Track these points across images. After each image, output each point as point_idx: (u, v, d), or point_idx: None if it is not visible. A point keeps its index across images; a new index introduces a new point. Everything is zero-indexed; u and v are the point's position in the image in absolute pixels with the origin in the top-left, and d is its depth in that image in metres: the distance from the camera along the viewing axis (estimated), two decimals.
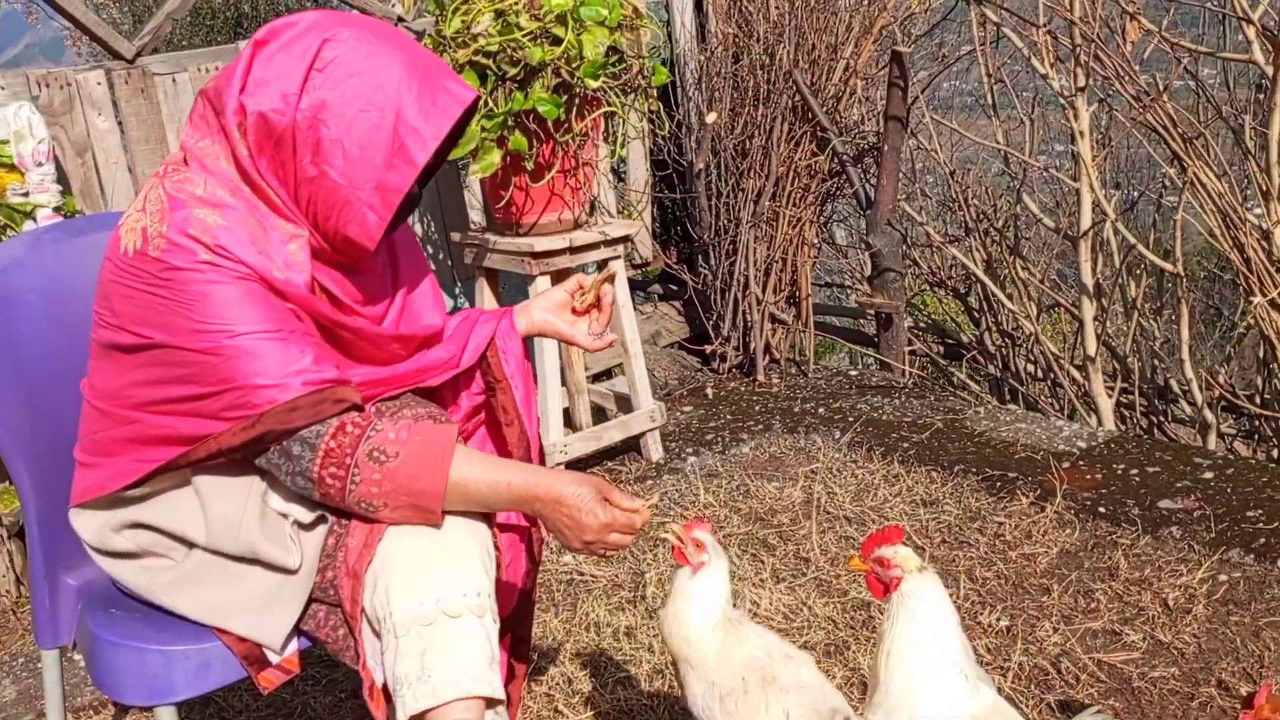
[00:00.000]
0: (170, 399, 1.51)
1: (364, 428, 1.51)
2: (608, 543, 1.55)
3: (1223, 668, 2.16)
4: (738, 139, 3.99)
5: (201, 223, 1.46)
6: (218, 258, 1.46)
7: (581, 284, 1.86)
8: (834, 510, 2.94)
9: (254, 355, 1.47)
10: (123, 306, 1.50)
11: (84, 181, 3.10)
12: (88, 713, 2.34)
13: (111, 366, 1.56)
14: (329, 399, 1.49)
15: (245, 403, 1.47)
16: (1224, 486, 2.84)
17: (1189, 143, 3.28)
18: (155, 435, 1.55)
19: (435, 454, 1.51)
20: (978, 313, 4.51)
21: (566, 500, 1.53)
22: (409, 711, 1.44)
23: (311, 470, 1.50)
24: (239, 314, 1.47)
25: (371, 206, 1.51)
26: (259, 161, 1.51)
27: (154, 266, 1.46)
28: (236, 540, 1.57)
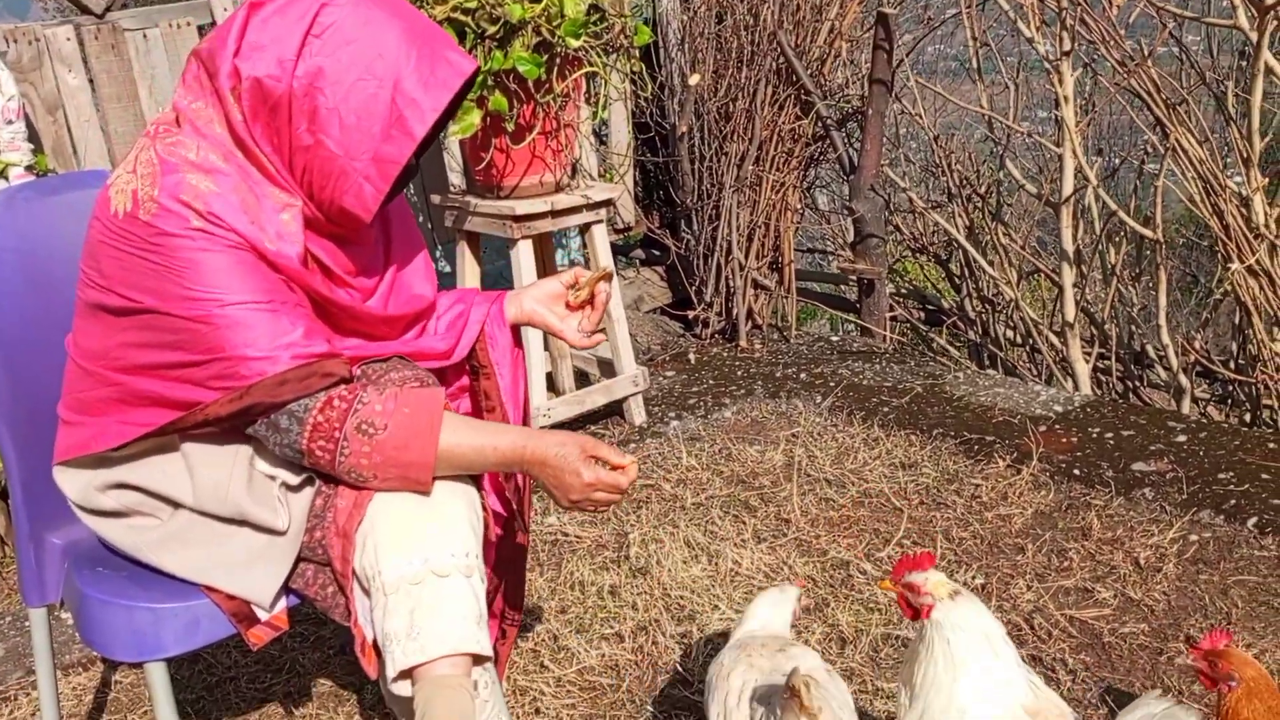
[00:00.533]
0: (158, 364, 1.52)
1: (351, 401, 1.51)
2: (594, 500, 1.57)
3: (1191, 624, 2.21)
4: (721, 102, 3.98)
5: (194, 188, 1.45)
6: (209, 225, 1.45)
7: (578, 277, 1.83)
8: (814, 473, 2.97)
9: (244, 326, 1.46)
10: (111, 269, 1.50)
11: (55, 140, 3.07)
12: (76, 670, 2.36)
13: (98, 327, 1.56)
14: (317, 373, 1.50)
15: (234, 373, 1.48)
16: (1197, 449, 2.89)
17: (1172, 109, 3.30)
18: (142, 397, 1.55)
19: (424, 425, 1.52)
20: (959, 279, 4.54)
21: (551, 461, 1.55)
22: (398, 667, 1.47)
23: (300, 443, 1.51)
24: (230, 283, 1.46)
25: (368, 178, 1.50)
26: (253, 127, 1.50)
27: (144, 231, 1.45)
28: (224, 503, 1.58)
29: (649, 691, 2.16)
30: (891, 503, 2.78)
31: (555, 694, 2.16)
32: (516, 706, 2.12)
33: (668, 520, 2.77)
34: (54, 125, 3.06)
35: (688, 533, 2.68)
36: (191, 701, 2.25)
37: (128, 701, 2.27)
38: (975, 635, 1.41)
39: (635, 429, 3.38)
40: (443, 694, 1.44)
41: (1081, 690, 2.05)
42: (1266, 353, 3.33)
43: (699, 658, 2.22)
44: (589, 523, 2.80)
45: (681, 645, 2.27)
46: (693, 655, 2.23)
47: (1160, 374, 3.93)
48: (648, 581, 2.49)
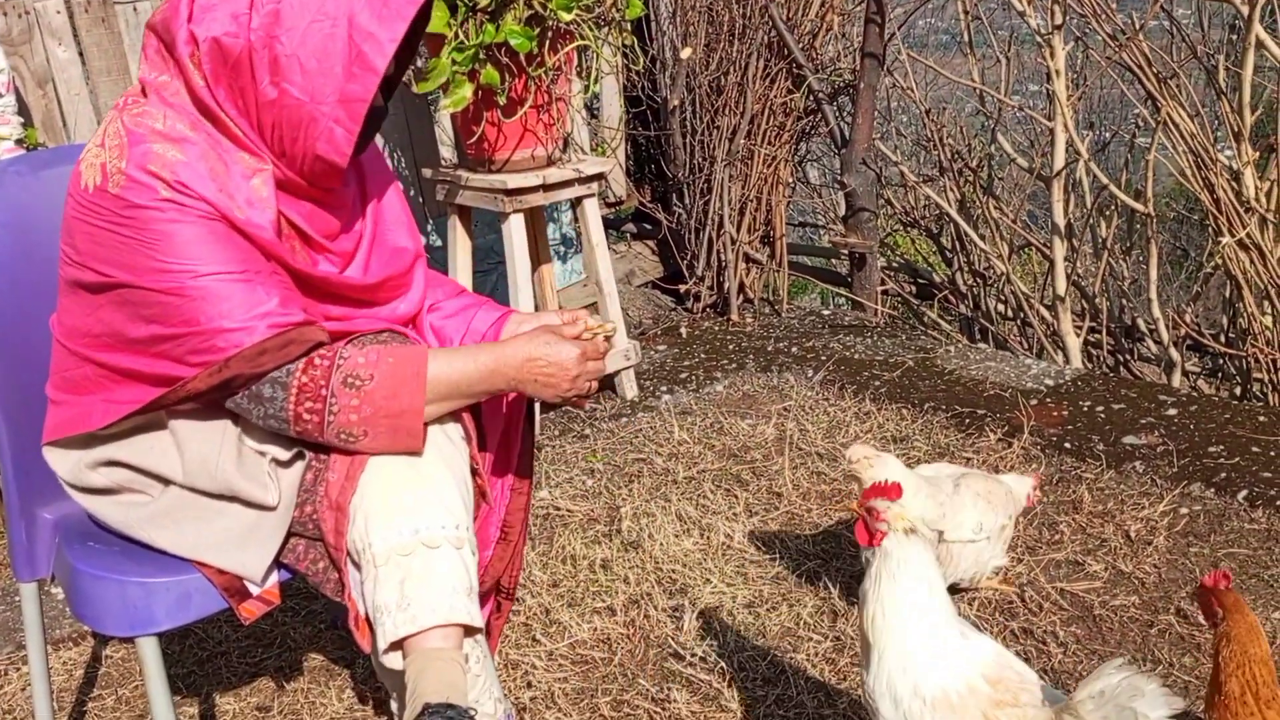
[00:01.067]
0: (135, 339, 1.51)
1: (332, 357, 1.50)
2: (588, 372, 1.56)
3: (1181, 597, 2.23)
4: (713, 75, 3.95)
5: (161, 158, 1.44)
6: (178, 195, 1.43)
7: (578, 319, 1.74)
8: (806, 447, 2.98)
9: (218, 297, 1.45)
10: (85, 244, 1.48)
11: (45, 114, 3.04)
12: (67, 645, 2.36)
13: (77, 305, 1.55)
14: (295, 340, 1.49)
15: (210, 347, 1.47)
16: (1187, 423, 2.90)
17: (1163, 82, 3.29)
18: (122, 375, 1.54)
19: (410, 372, 1.51)
20: (950, 252, 4.54)
21: (535, 354, 1.54)
22: (389, 638, 1.47)
23: (287, 410, 1.50)
24: (202, 254, 1.45)
25: (338, 120, 1.48)
26: (216, 91, 1.48)
27: (115, 204, 1.44)
28: (213, 478, 1.57)
29: (641, 665, 2.16)
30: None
31: (547, 667, 2.16)
32: (508, 680, 2.13)
33: (659, 494, 2.77)
34: (44, 99, 3.03)
35: (679, 506, 2.68)
36: (183, 676, 2.25)
37: (119, 676, 2.27)
38: (916, 576, 1.45)
39: (627, 403, 3.38)
40: (434, 666, 1.44)
41: (1072, 663, 2.06)
42: (1257, 326, 3.34)
43: (691, 631, 2.23)
44: (581, 496, 2.80)
45: (673, 619, 2.28)
46: (684, 628, 2.24)
47: (1151, 347, 3.94)
48: (639, 555, 2.50)
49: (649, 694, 2.07)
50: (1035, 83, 5.30)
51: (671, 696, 2.05)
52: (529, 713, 2.04)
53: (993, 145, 4.26)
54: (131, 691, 2.21)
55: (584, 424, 3.24)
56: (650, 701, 2.05)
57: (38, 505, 1.77)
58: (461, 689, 1.43)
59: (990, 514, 2.17)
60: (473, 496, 1.62)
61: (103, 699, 2.21)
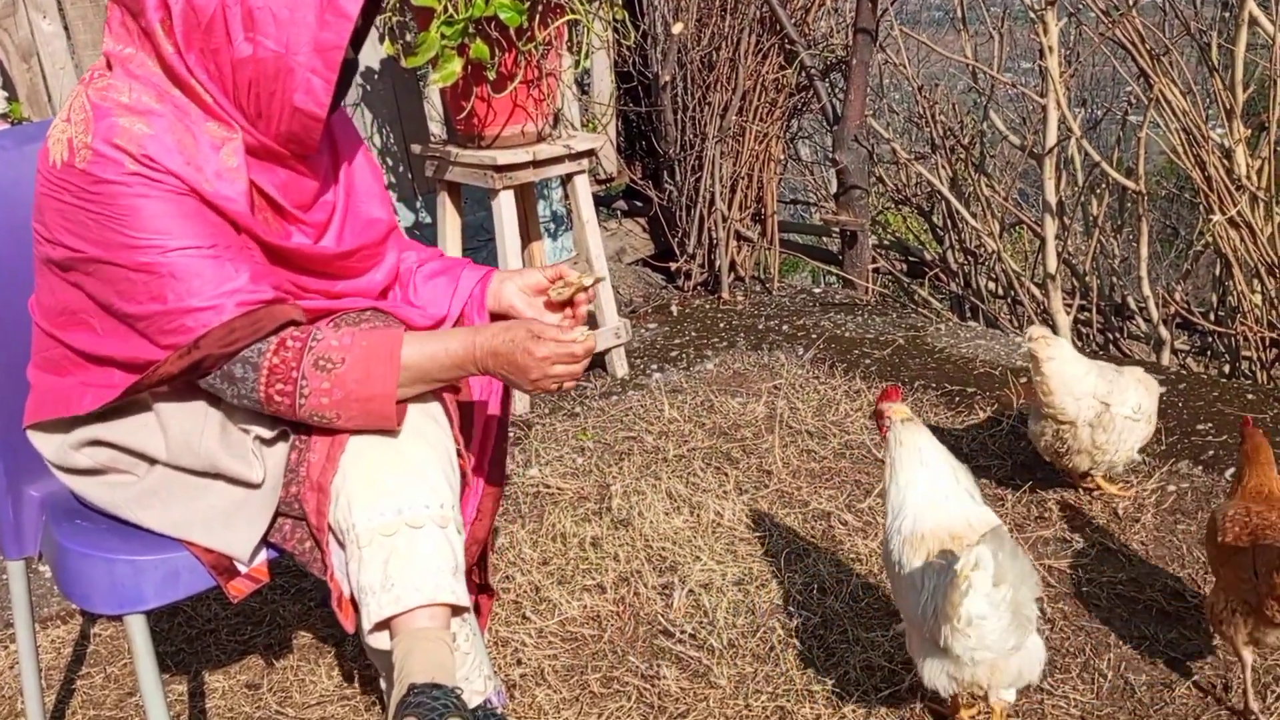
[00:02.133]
0: (106, 318, 1.50)
1: (304, 339, 1.50)
2: (554, 376, 1.54)
3: (1169, 573, 2.24)
4: (704, 51, 3.93)
5: (127, 132, 1.43)
6: (145, 169, 1.42)
7: (563, 274, 1.76)
8: (796, 425, 2.98)
9: (188, 274, 1.44)
10: (54, 220, 1.47)
11: (30, 88, 3.00)
12: (55, 623, 2.36)
13: (49, 284, 1.54)
14: (265, 318, 1.48)
15: (179, 327, 1.46)
16: (1176, 401, 2.91)
17: (1156, 59, 3.28)
18: (95, 357, 1.53)
19: (383, 355, 1.50)
20: (941, 230, 4.53)
21: (500, 350, 1.53)
22: (374, 619, 1.46)
23: (258, 390, 1.49)
24: (170, 228, 1.44)
25: (314, 70, 1.47)
26: (187, 57, 1.47)
27: (82, 179, 1.43)
28: (197, 456, 1.56)
29: (630, 642, 2.17)
30: (873, 454, 2.79)
31: (537, 645, 2.17)
32: (498, 657, 2.13)
33: (649, 472, 2.77)
34: (28, 73, 3.00)
35: (670, 484, 2.68)
36: (171, 654, 2.24)
37: (107, 654, 2.27)
38: (913, 448, 1.82)
39: (617, 381, 3.38)
40: (421, 646, 1.44)
41: (1060, 639, 2.07)
42: (1246, 304, 3.34)
43: (680, 608, 2.24)
44: (571, 474, 2.80)
45: (663, 596, 2.28)
46: (674, 606, 2.24)
47: (1141, 326, 3.94)
48: (629, 533, 2.50)
49: (639, 671, 2.08)
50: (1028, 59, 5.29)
51: (661, 673, 2.05)
52: (519, 690, 2.04)
53: (985, 122, 4.25)
54: (120, 669, 2.21)
55: (574, 402, 3.24)
56: (640, 678, 2.06)
57: (24, 483, 1.76)
58: (449, 668, 1.43)
59: (1148, 398, 2.43)
60: (457, 473, 1.61)
61: (91, 677, 2.20)
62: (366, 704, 2.06)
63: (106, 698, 2.14)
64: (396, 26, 3.13)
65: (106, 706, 2.12)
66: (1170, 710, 1.88)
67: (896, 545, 1.78)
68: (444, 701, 1.36)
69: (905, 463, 1.81)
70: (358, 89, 3.43)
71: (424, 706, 1.35)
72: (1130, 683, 1.95)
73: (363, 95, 3.45)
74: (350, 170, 1.70)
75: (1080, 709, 1.90)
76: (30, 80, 3.00)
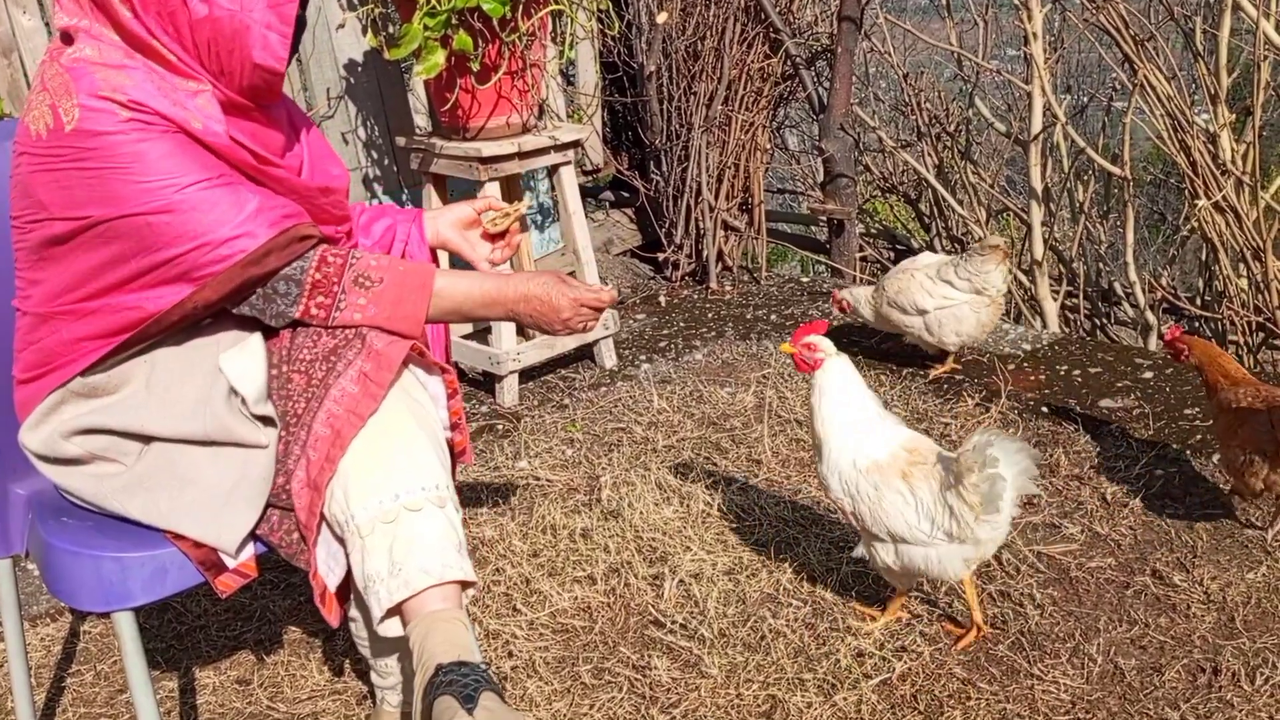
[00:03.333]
0: (127, 277, 1.49)
1: (345, 256, 1.57)
2: (582, 315, 1.68)
3: (1157, 558, 2.25)
4: (689, 40, 3.92)
5: (109, 82, 1.44)
6: (138, 113, 1.44)
7: (492, 205, 1.89)
8: (785, 414, 2.98)
9: (208, 205, 1.47)
10: (49, 194, 1.46)
11: (11, 83, 2.98)
12: (44, 621, 2.35)
13: (53, 266, 1.52)
14: (295, 237, 1.53)
15: (215, 258, 1.48)
16: (1163, 386, 2.92)
17: (1140, 45, 3.28)
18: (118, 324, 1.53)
19: (418, 282, 1.59)
20: (928, 218, 4.54)
21: (533, 293, 1.66)
22: (384, 606, 1.46)
23: (298, 305, 1.55)
24: (177, 167, 1.46)
25: (269, 25, 1.50)
26: (146, 20, 1.48)
27: (75, 139, 1.43)
28: (207, 421, 1.56)
29: (621, 633, 2.17)
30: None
31: (528, 637, 2.16)
32: (489, 650, 2.13)
33: (639, 463, 2.77)
34: (8, 68, 2.97)
35: (659, 475, 2.68)
36: (161, 650, 2.24)
37: (97, 651, 2.26)
38: (842, 386, 2.00)
39: (606, 372, 3.37)
40: (439, 627, 1.43)
41: (1049, 624, 2.08)
42: (1232, 289, 3.36)
43: (671, 599, 2.24)
44: (560, 466, 2.80)
45: (654, 587, 2.28)
46: (665, 596, 2.24)
47: (1127, 311, 3.96)
48: (619, 524, 2.50)
49: (630, 661, 2.08)
50: (1013, 47, 5.29)
51: (652, 664, 2.05)
52: (510, 682, 2.04)
53: (970, 110, 4.25)
54: (110, 667, 2.20)
55: (563, 394, 3.23)
56: (631, 669, 2.06)
57: (10, 480, 1.74)
58: (470, 647, 1.42)
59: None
60: (448, 454, 1.62)
61: (82, 674, 2.19)
62: (357, 698, 2.06)
63: (97, 695, 2.13)
64: (380, 18, 3.11)
65: (97, 704, 2.11)
66: (1160, 694, 1.89)
67: (856, 477, 1.97)
68: (474, 677, 1.36)
69: (832, 398, 2.00)
70: (341, 81, 3.41)
71: (456, 684, 1.35)
72: (1120, 667, 1.96)
73: (346, 88, 3.43)
74: (306, 133, 1.73)
75: (1070, 694, 1.91)
76: (10, 76, 2.97)
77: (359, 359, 1.54)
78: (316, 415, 1.53)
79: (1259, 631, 2.01)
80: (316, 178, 1.69)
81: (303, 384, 1.56)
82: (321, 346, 1.57)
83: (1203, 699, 1.87)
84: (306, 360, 1.57)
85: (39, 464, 1.64)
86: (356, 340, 1.56)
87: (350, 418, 1.51)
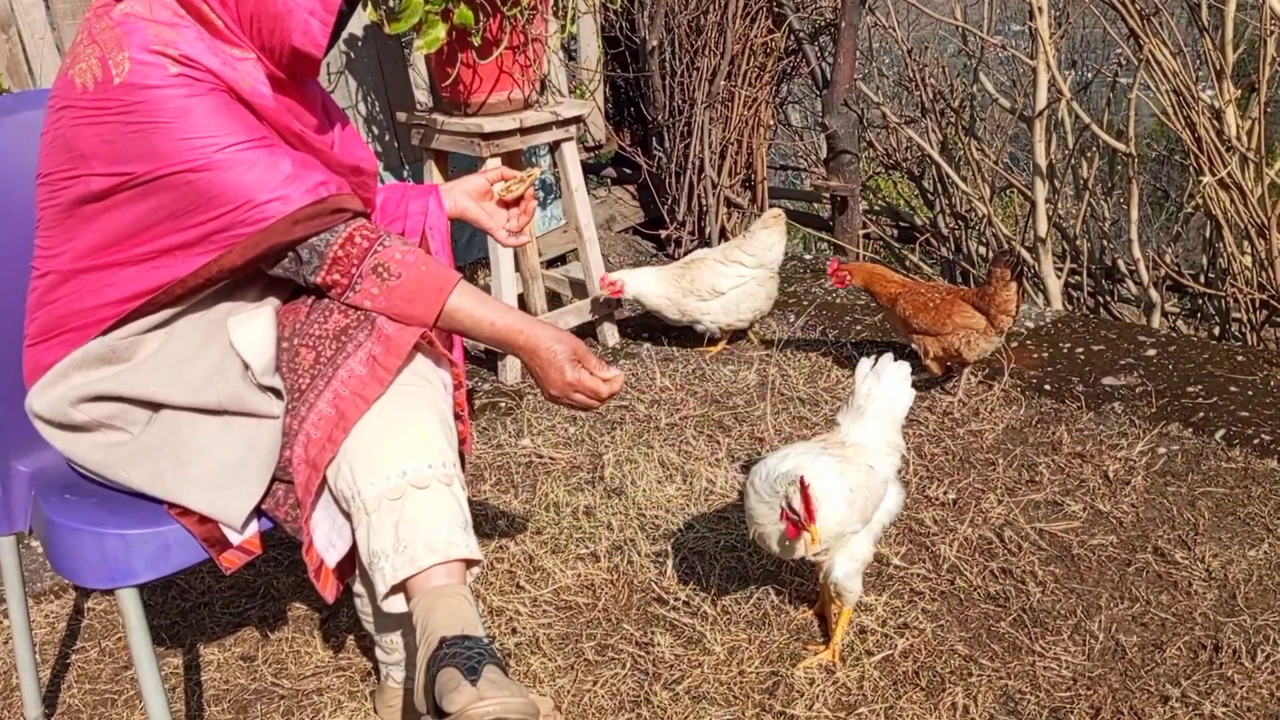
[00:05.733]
0: (159, 234, 1.50)
1: (373, 241, 1.56)
2: (572, 400, 1.63)
3: (1159, 535, 2.25)
4: (692, 15, 3.89)
5: (161, 38, 1.45)
6: (187, 69, 1.45)
7: (505, 175, 1.88)
8: (788, 392, 2.98)
9: (247, 164, 1.47)
10: (92, 146, 1.47)
11: (10, 58, 2.96)
12: (48, 598, 2.35)
13: (85, 225, 1.52)
14: (328, 209, 1.53)
15: (247, 219, 1.49)
16: (1166, 363, 2.91)
17: (1146, 19, 3.25)
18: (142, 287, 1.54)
19: (434, 288, 1.57)
20: (932, 195, 4.52)
21: (541, 354, 1.61)
22: (389, 582, 1.46)
23: (319, 274, 1.56)
24: (221, 125, 1.47)
25: (312, 12, 1.51)
26: None
27: (123, 93, 1.44)
28: (221, 389, 1.57)
29: (625, 610, 2.17)
30: None
31: (531, 613, 2.17)
32: (493, 626, 2.14)
33: (642, 441, 2.77)
34: (7, 43, 2.95)
35: (662, 453, 2.68)
36: (166, 627, 2.24)
37: (101, 628, 2.27)
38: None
39: (608, 350, 3.37)
40: (443, 602, 1.44)
41: (1051, 601, 2.09)
42: (1236, 266, 3.35)
43: (674, 576, 2.24)
44: (563, 444, 2.80)
45: (656, 564, 2.29)
46: (667, 573, 2.25)
47: (1131, 288, 3.94)
48: (622, 502, 2.50)
49: (633, 638, 2.09)
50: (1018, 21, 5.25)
51: (655, 640, 2.06)
52: (514, 658, 2.05)
53: (975, 85, 4.22)
54: (115, 643, 2.21)
55: None
56: (634, 645, 2.07)
57: (13, 458, 1.74)
58: (474, 621, 1.43)
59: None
60: (455, 433, 1.61)
61: (86, 651, 2.20)
62: (362, 674, 2.07)
63: (101, 671, 2.14)
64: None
65: (101, 680, 2.12)
66: (1161, 671, 1.90)
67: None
68: (478, 650, 1.37)
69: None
70: (341, 56, 3.39)
71: (459, 657, 1.35)
72: (1121, 644, 1.97)
73: (347, 63, 3.41)
74: (339, 118, 1.74)
75: (1071, 670, 1.91)
76: (9, 51, 2.95)
77: (369, 341, 1.54)
78: (322, 394, 1.53)
79: (1260, 608, 2.01)
80: (348, 158, 1.69)
81: (311, 359, 1.56)
82: (333, 324, 1.57)
83: (1204, 675, 1.87)
84: (316, 336, 1.57)
85: (44, 428, 1.62)
86: (368, 322, 1.56)
87: (356, 400, 1.51)
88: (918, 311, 2.77)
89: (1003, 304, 2.68)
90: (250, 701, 2.03)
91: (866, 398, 2.00)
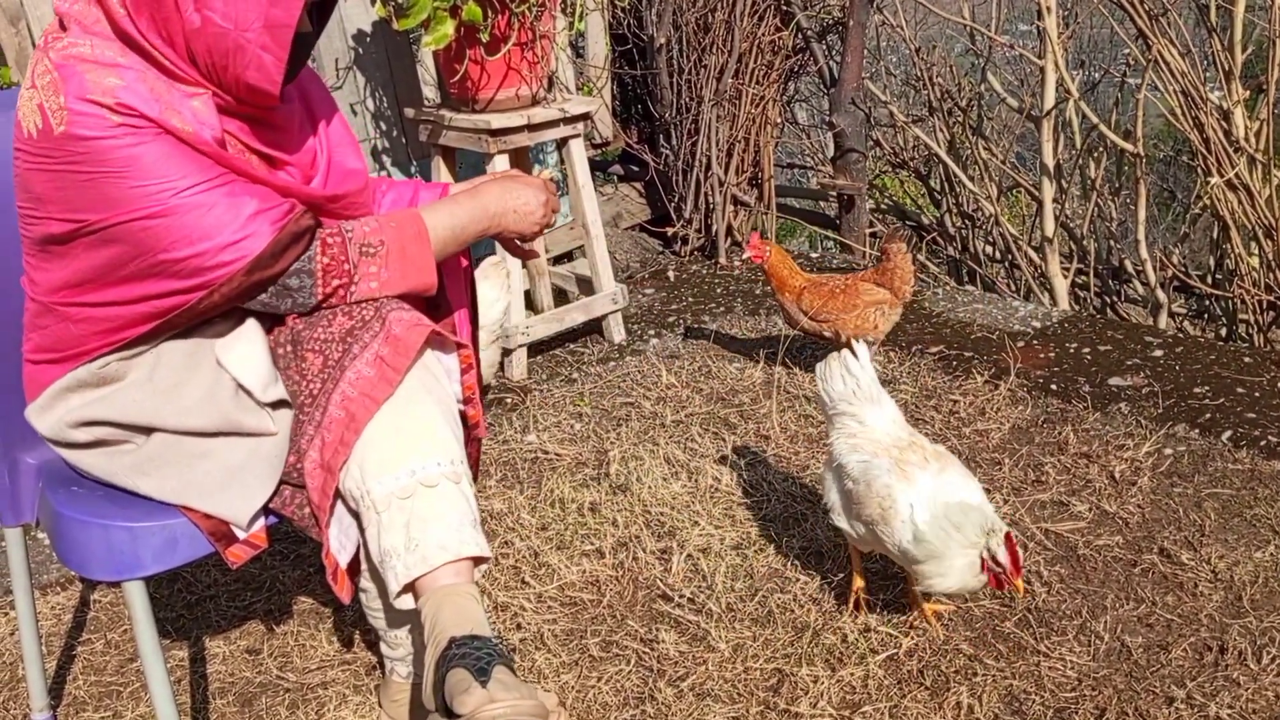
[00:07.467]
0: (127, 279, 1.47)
1: (340, 233, 1.56)
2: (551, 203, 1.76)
3: (1165, 536, 2.25)
4: (700, 12, 3.88)
5: (98, 85, 1.39)
6: (128, 118, 1.39)
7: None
8: (794, 390, 2.98)
9: (205, 208, 1.43)
10: (47, 192, 1.43)
11: (19, 51, 2.96)
12: (55, 590, 2.36)
13: (55, 261, 1.50)
14: (293, 232, 1.50)
15: (220, 262, 1.45)
16: (1172, 364, 2.91)
17: (1154, 20, 3.25)
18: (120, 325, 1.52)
19: (414, 232, 1.60)
20: (939, 194, 4.51)
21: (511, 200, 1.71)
22: (401, 581, 1.46)
23: (316, 293, 1.55)
24: (175, 169, 1.42)
25: (264, 47, 1.45)
26: (138, 21, 1.43)
27: (66, 143, 1.39)
28: (213, 414, 1.55)
29: (629, 606, 2.18)
30: None
31: (536, 609, 2.17)
32: (498, 622, 2.14)
33: (647, 438, 2.77)
34: (16, 37, 2.95)
35: (667, 450, 2.69)
36: (172, 620, 2.25)
37: (107, 620, 2.27)
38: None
39: (615, 347, 3.37)
40: (451, 601, 1.44)
41: (1056, 602, 2.09)
42: (1244, 267, 3.34)
43: (679, 573, 2.24)
44: (569, 440, 2.80)
45: (661, 561, 2.29)
46: (672, 570, 2.25)
47: (1138, 289, 3.94)
48: (628, 498, 2.50)
49: (637, 635, 2.09)
50: (1026, 21, 5.25)
51: (660, 637, 2.06)
52: (519, 654, 2.05)
53: (983, 85, 4.21)
54: (121, 636, 2.22)
55: (571, 368, 3.23)
56: (639, 642, 2.07)
57: (20, 450, 1.75)
58: (482, 621, 1.43)
59: None
60: (461, 428, 1.61)
61: (92, 643, 2.21)
62: (367, 668, 2.07)
63: (107, 664, 2.15)
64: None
65: (107, 672, 2.13)
66: (1166, 672, 1.89)
67: None
68: (487, 650, 1.37)
69: None
70: (350, 52, 3.39)
71: (469, 657, 1.35)
72: (1126, 645, 1.96)
73: (355, 59, 3.41)
74: (325, 123, 1.71)
75: (1077, 671, 1.91)
76: (19, 44, 2.96)
77: (376, 342, 1.53)
78: (331, 397, 1.52)
79: (1266, 610, 2.01)
80: (330, 183, 1.66)
81: (319, 364, 1.55)
82: (338, 326, 1.55)
83: (1209, 677, 1.87)
84: (322, 340, 1.56)
85: (51, 446, 1.64)
86: (375, 322, 1.54)
87: (365, 401, 1.50)
88: (827, 300, 2.91)
89: (904, 275, 2.87)
90: (255, 694, 2.03)
91: (871, 382, 2.07)
